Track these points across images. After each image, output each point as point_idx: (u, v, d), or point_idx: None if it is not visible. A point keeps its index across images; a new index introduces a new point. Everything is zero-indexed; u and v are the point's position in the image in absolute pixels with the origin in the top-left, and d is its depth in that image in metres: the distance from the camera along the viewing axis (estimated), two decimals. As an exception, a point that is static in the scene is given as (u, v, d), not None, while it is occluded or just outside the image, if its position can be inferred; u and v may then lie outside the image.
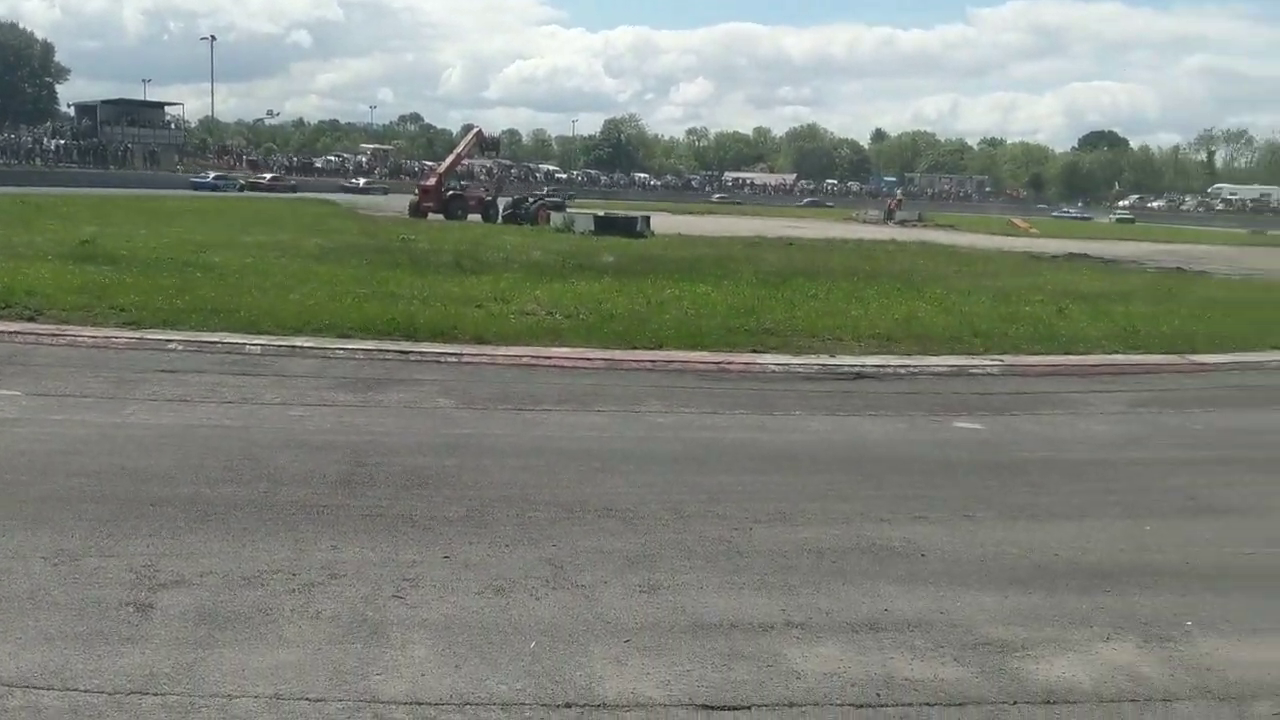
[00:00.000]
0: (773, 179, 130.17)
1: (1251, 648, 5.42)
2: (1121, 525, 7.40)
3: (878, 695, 4.66)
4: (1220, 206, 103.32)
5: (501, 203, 50.18)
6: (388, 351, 12.65)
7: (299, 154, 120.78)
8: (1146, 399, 12.45)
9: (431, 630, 5.13)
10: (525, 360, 12.67)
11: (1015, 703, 4.65)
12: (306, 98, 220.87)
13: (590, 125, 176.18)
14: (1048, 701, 4.68)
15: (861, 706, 4.56)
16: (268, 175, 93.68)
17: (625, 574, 5.97)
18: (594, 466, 8.22)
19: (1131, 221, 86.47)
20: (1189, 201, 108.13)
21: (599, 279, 21.18)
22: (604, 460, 8.42)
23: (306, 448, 8.35)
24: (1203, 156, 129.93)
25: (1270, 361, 15.58)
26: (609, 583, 5.83)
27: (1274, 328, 18.06)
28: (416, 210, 49.38)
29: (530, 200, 50.92)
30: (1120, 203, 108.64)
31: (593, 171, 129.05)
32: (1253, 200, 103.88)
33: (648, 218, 44.67)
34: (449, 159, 56.14)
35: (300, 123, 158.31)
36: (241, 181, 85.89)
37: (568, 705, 4.48)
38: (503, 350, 13.05)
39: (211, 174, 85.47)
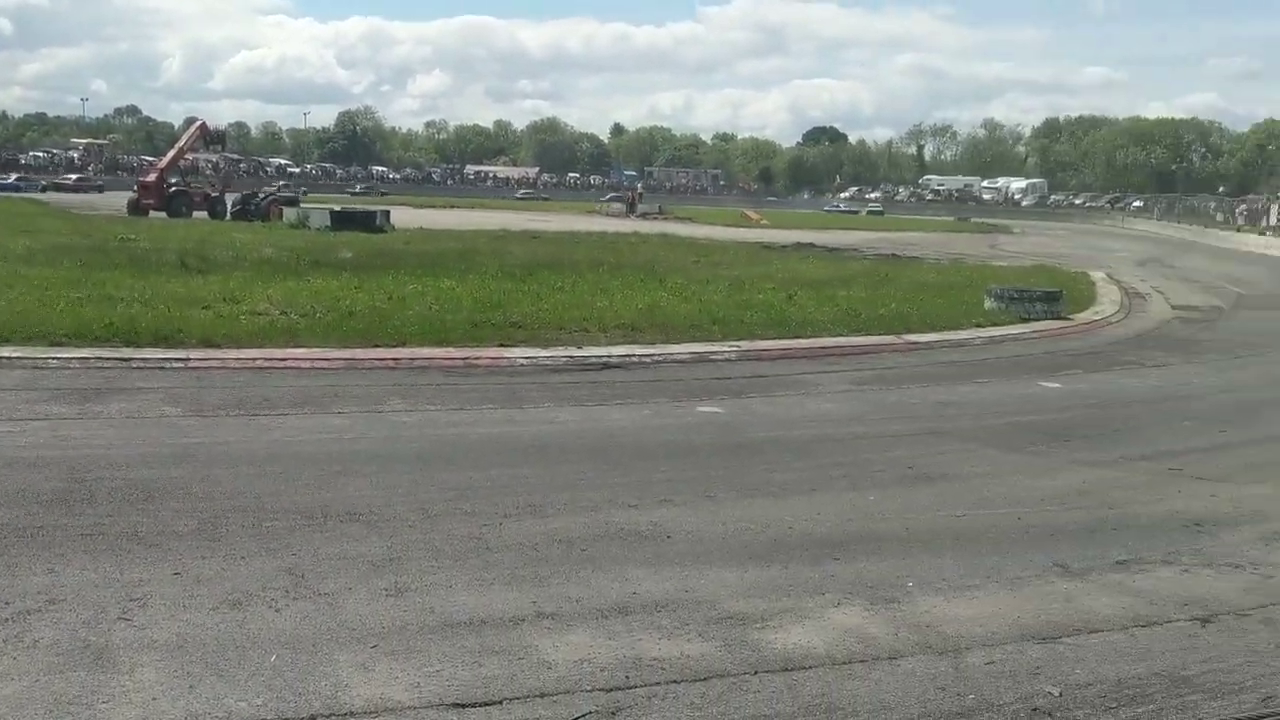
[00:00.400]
0: (515, 172, 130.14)
1: (965, 603, 5.88)
2: (849, 497, 7.87)
3: (627, 677, 4.76)
4: (929, 196, 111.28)
5: (230, 199, 47.71)
6: (107, 359, 11.82)
7: (2, 150, 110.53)
8: (868, 377, 13.28)
9: (162, 651, 4.84)
10: (258, 363, 12.14)
11: (756, 673, 4.86)
12: (9, 89, 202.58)
13: (324, 118, 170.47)
14: (786, 669, 4.92)
15: (611, 690, 4.65)
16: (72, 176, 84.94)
17: (370, 579, 5.83)
18: (335, 470, 7.98)
19: (881, 213, 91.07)
20: (902, 192, 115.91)
21: (337, 276, 20.57)
22: (345, 463, 8.19)
23: (17, 465, 7.69)
24: (913, 150, 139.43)
25: (974, 339, 16.97)
26: (353, 589, 5.68)
27: (976, 308, 19.67)
28: (136, 208, 46.23)
29: (261, 195, 48.72)
30: (840, 194, 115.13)
31: (328, 165, 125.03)
32: (957, 190, 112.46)
33: (387, 212, 43.70)
34: (171, 153, 52.77)
35: (2, 116, 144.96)
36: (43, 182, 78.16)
37: (312, 717, 4.33)
38: (234, 353, 12.46)
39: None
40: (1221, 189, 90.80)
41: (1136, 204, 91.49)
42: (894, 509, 7.63)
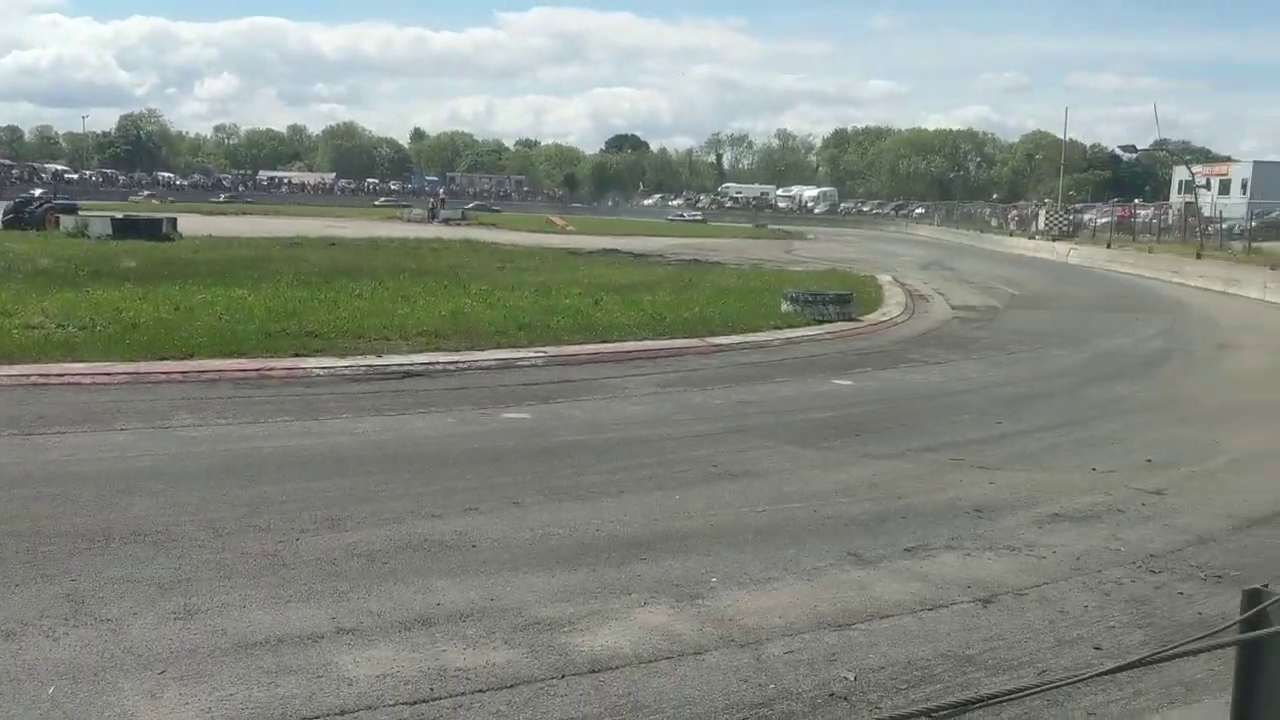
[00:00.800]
0: (311, 178, 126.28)
1: (766, 596, 6.05)
2: (655, 497, 7.97)
3: (431, 689, 4.67)
4: (729, 204, 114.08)
5: (1, 206, 44.49)
6: None
7: None
8: (673, 379, 13.50)
9: (-80, 693, 4.45)
10: (33, 379, 11.36)
11: (563, 676, 4.86)
12: None
13: (104, 121, 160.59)
14: (593, 671, 4.94)
15: (416, 703, 4.55)
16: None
17: (157, 601, 5.53)
18: (118, 489, 7.54)
19: (703, 221, 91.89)
20: (703, 199, 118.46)
21: (119, 286, 19.46)
22: (129, 482, 7.75)
23: None
24: (712, 158, 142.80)
25: (773, 340, 17.50)
26: (139, 613, 5.37)
27: (774, 311, 20.29)
28: (-107, 220, 42.52)
29: (36, 203, 45.63)
30: (645, 200, 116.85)
31: (110, 171, 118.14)
32: (755, 198, 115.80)
33: (174, 219, 41.76)
34: (-71, 158, 48.89)
35: None
36: None
37: (94, 752, 4.07)
38: (4, 369, 11.61)
39: None
40: (995, 196, 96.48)
41: (919, 210, 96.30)
42: (699, 507, 7.78)
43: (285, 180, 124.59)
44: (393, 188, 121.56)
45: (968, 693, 4.79)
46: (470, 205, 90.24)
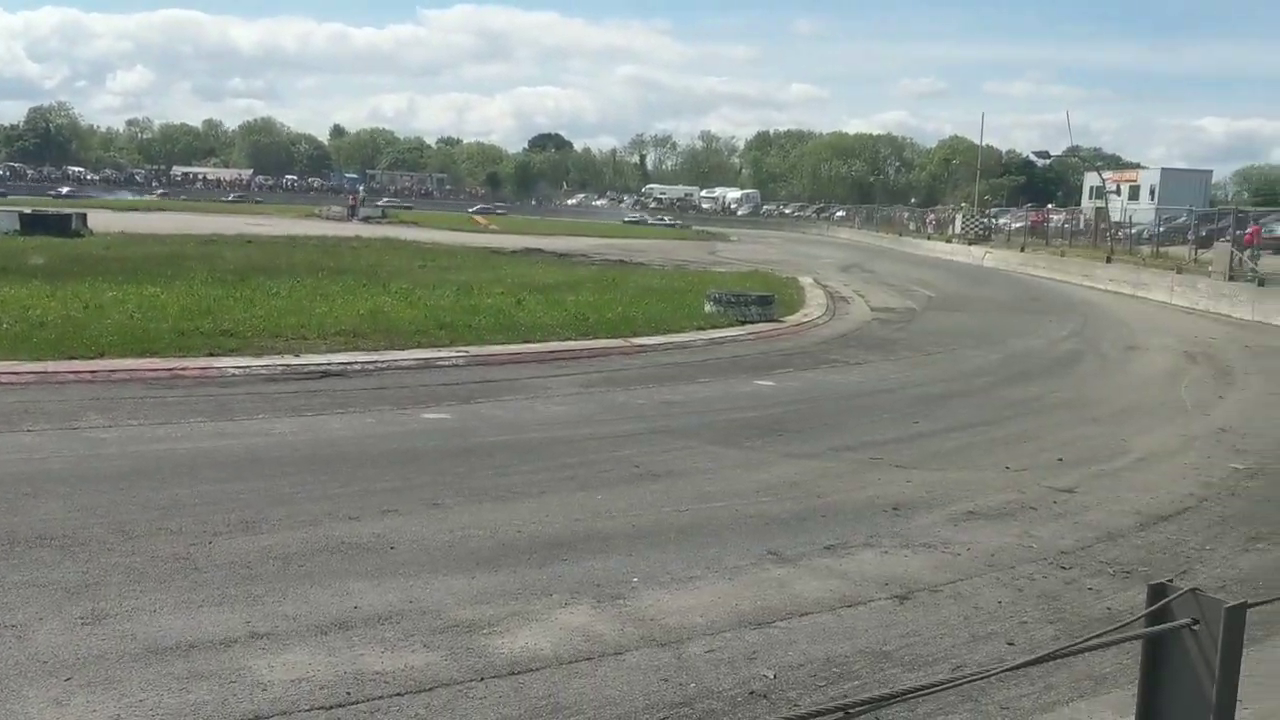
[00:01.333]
0: (227, 174, 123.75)
1: (687, 595, 6.07)
2: (577, 497, 7.95)
3: (348, 694, 4.60)
4: (653, 205, 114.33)
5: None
6: None
7: None
8: (597, 380, 13.48)
9: None
10: (-69, 378, 10.96)
11: (482, 679, 4.82)
12: None
13: (12, 114, 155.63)
14: (512, 673, 4.91)
15: (332, 708, 4.48)
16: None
17: (64, 606, 5.36)
18: (23, 492, 7.30)
19: (643, 223, 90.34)
20: (627, 200, 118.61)
21: (26, 283, 18.86)
22: (36, 484, 7.51)
23: None
24: (636, 159, 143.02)
25: (696, 341, 17.58)
26: (45, 618, 5.21)
27: (698, 311, 20.39)
28: None
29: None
30: (569, 200, 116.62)
31: (18, 165, 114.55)
32: (679, 199, 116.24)
33: (84, 215, 40.54)
34: None
35: None
36: None
37: (-7, 764, 3.94)
38: (-99, 368, 11.19)
39: None
40: (914, 200, 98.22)
41: (840, 213, 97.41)
42: (621, 507, 7.77)
43: (201, 176, 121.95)
44: (312, 185, 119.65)
45: (885, 689, 4.85)
46: (381, 201, 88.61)
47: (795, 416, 11.74)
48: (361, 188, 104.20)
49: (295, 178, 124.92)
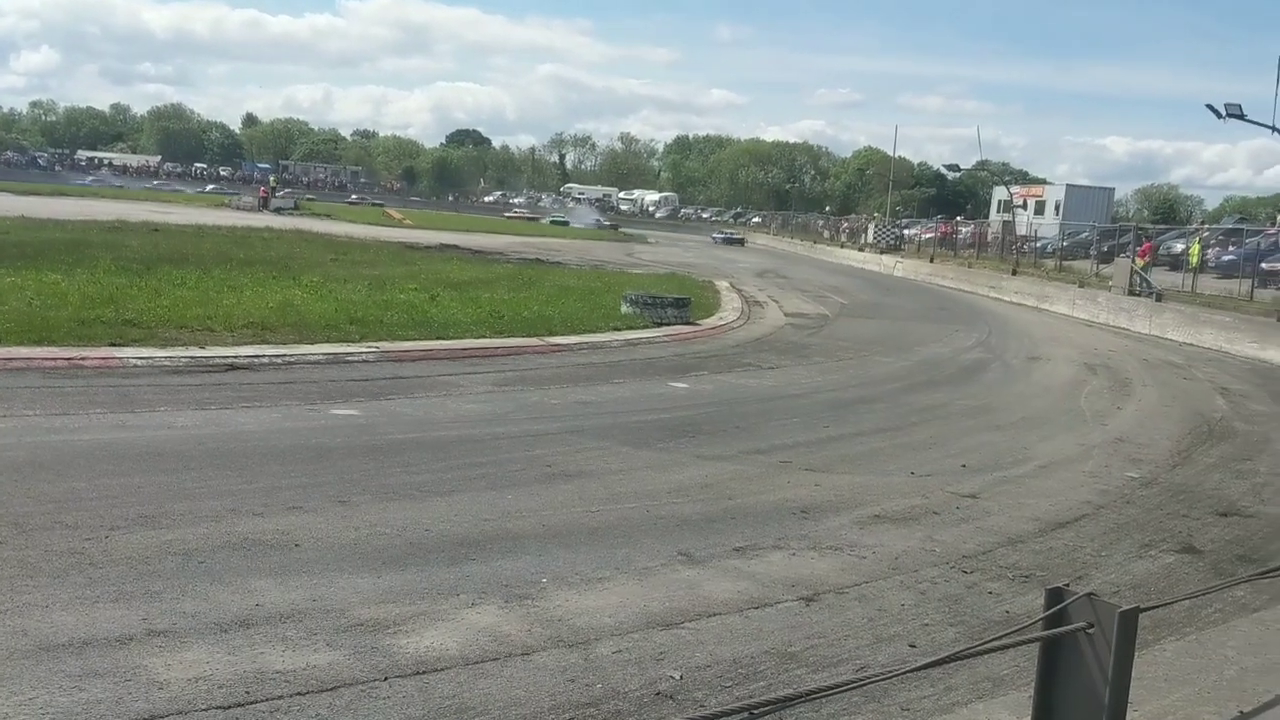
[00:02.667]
0: (135, 160, 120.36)
1: (596, 595, 6.06)
2: (488, 497, 7.89)
3: (248, 693, 4.50)
4: (572, 205, 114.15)
5: None
6: None
7: None
8: (511, 378, 13.41)
9: None
10: None
11: (387, 678, 4.75)
12: None
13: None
14: (418, 673, 4.85)
15: (230, 707, 4.37)
16: None
17: (-51, 603, 5.16)
18: (-93, 483, 7.01)
19: (566, 224, 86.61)
20: (545, 199, 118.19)
21: (-84, 266, 18.13)
22: (-79, 475, 7.22)
23: None
24: (555, 158, 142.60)
25: (612, 341, 17.58)
26: (-73, 616, 5.00)
27: (614, 312, 20.41)
28: None
29: None
30: (486, 198, 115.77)
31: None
32: (597, 199, 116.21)
33: (-20, 197, 39.10)
34: None
35: None
36: None
37: None
38: None
39: None
40: (828, 208, 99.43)
41: (756, 219, 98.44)
42: (532, 507, 7.73)
43: (106, 161, 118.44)
44: (222, 174, 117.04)
45: (790, 689, 4.90)
46: (282, 191, 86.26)
47: (709, 419, 11.81)
48: (273, 178, 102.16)
49: (205, 166, 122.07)
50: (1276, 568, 6.94)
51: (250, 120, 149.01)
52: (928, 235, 56.86)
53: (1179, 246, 33.15)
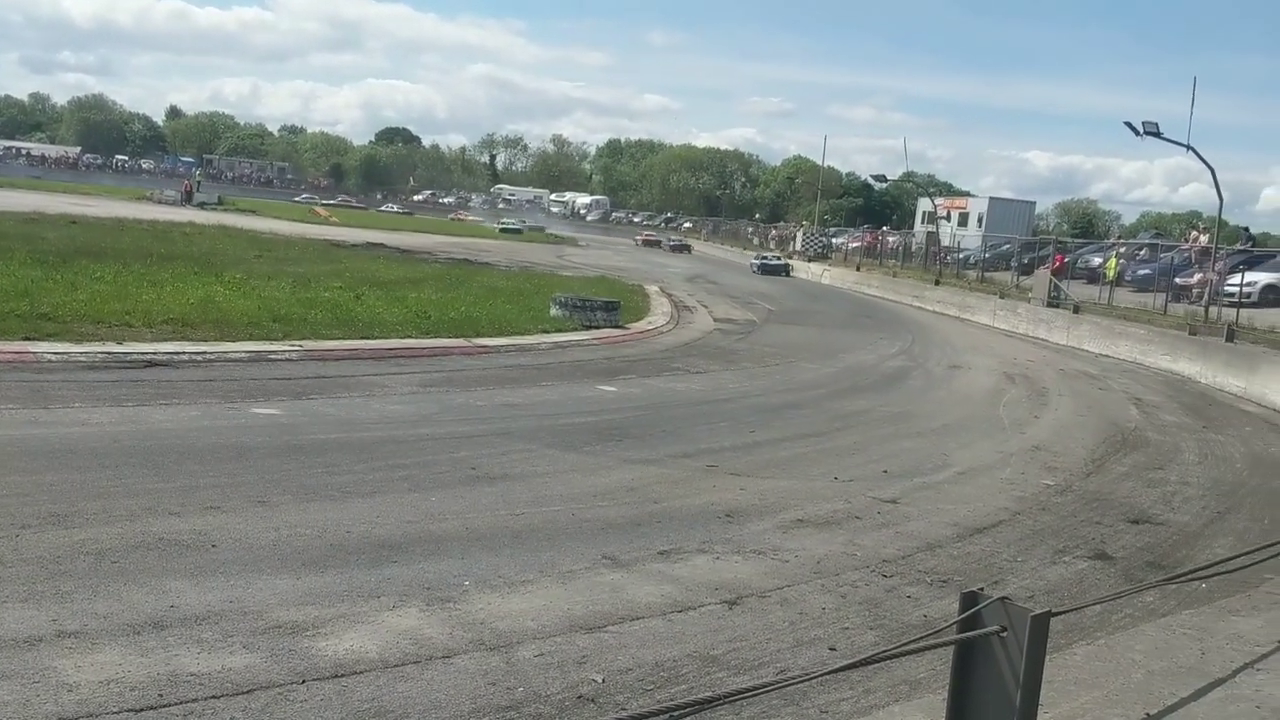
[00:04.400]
0: (54, 150, 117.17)
1: (519, 598, 6.04)
2: (411, 498, 7.82)
3: (160, 696, 4.40)
4: (502, 205, 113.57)
5: None
6: None
7: None
8: (437, 379, 13.30)
9: None
10: None
11: (304, 681, 4.69)
12: None
13: None
14: (336, 675, 4.79)
15: (142, 710, 4.28)
16: None
17: None
18: None
19: (519, 232, 78.21)
20: (475, 200, 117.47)
21: None
22: None
23: None
24: (486, 159, 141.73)
25: (541, 344, 17.54)
26: None
27: (543, 314, 20.37)
28: None
29: None
30: (415, 196, 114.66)
31: None
32: (528, 201, 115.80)
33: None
34: None
35: None
36: None
37: None
38: None
39: None
40: (758, 215, 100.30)
41: (687, 225, 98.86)
42: (456, 509, 7.68)
43: (24, 151, 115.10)
44: (144, 166, 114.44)
45: (711, 692, 4.93)
46: (194, 179, 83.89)
47: (636, 423, 11.83)
48: (197, 172, 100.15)
49: (126, 158, 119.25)
50: (1183, 573, 7.15)
51: (174, 113, 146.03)
52: (854, 244, 57.59)
53: (1097, 260, 33.97)
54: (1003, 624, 3.73)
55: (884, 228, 65.52)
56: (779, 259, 56.19)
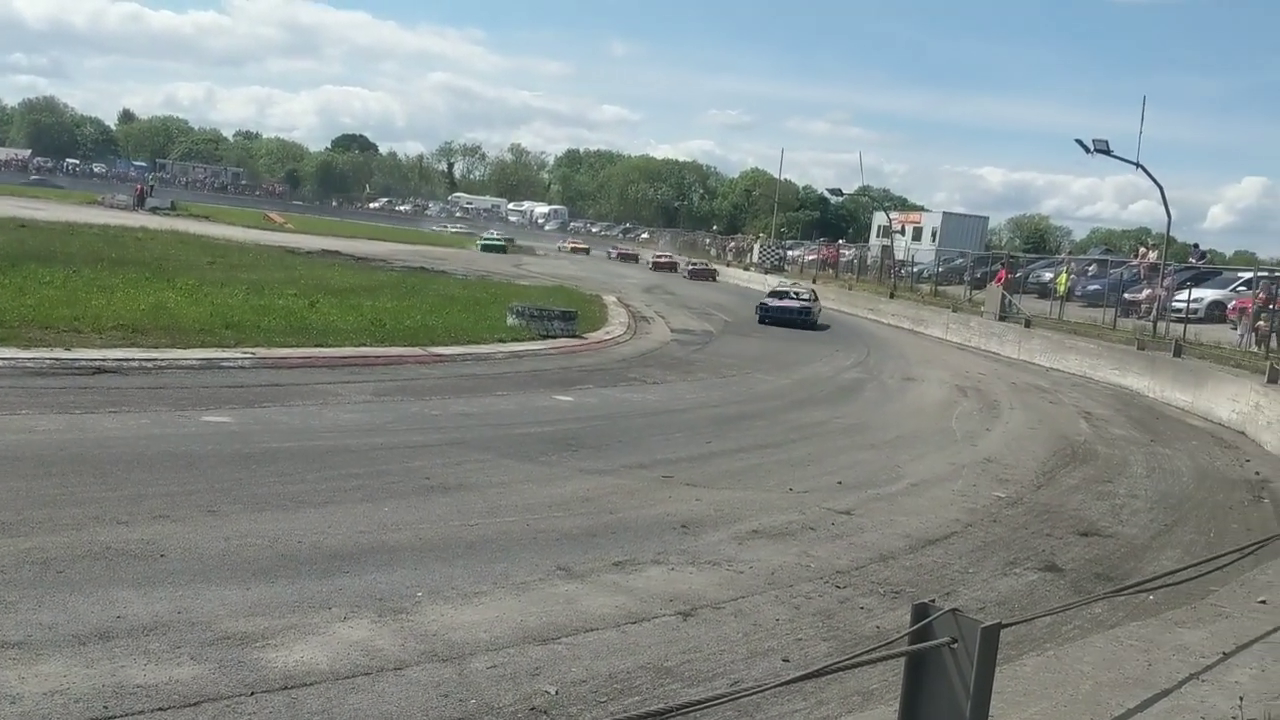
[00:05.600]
0: (3, 153, 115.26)
1: (472, 610, 6.00)
2: (363, 508, 7.76)
3: (105, 708, 4.33)
4: (459, 214, 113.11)
5: None
6: None
7: None
8: (391, 388, 13.21)
9: None
10: None
11: (253, 693, 4.63)
12: None
13: None
14: (286, 687, 4.73)
15: (86, 724, 4.21)
16: None
17: None
18: None
19: (503, 250, 65.40)
20: (433, 207, 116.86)
21: None
22: None
23: None
24: (444, 167, 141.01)
25: (497, 353, 17.48)
26: None
27: (500, 323, 20.29)
28: None
29: None
30: (371, 204, 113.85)
31: None
32: (486, 209, 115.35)
33: None
34: None
35: None
36: None
37: None
38: None
39: None
40: (715, 227, 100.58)
41: (645, 235, 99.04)
42: (409, 520, 7.63)
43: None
44: (96, 171, 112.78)
45: (664, 704, 4.93)
46: (147, 183, 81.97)
47: (592, 433, 11.82)
48: (150, 176, 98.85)
49: (78, 162, 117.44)
50: (1131, 586, 7.26)
51: (127, 116, 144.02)
52: (810, 257, 58.01)
53: (1048, 275, 34.44)
54: (954, 635, 3.77)
55: (840, 241, 65.94)
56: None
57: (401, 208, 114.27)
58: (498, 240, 69.22)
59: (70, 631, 5.04)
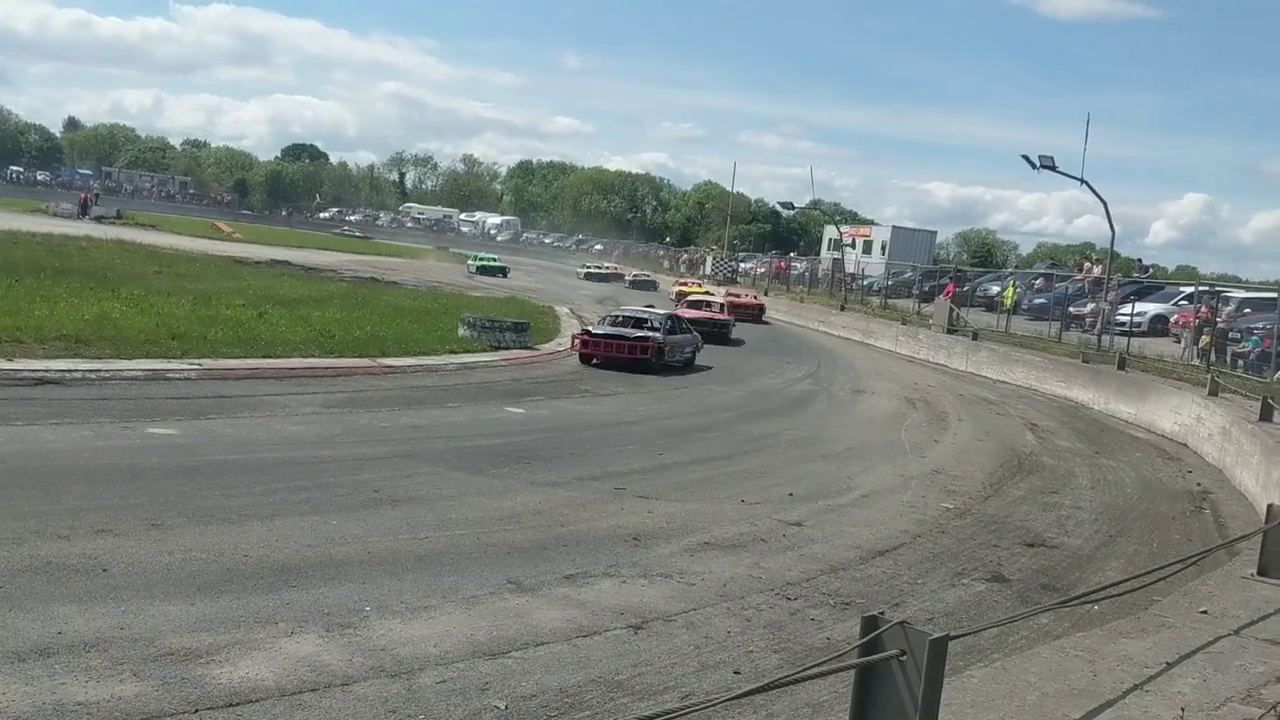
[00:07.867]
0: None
1: (421, 624, 5.95)
2: (310, 521, 7.67)
3: (43, 729, 4.23)
4: (410, 224, 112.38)
5: None
6: None
7: None
8: (340, 400, 13.09)
9: None
10: None
11: (197, 711, 4.55)
12: None
13: None
14: (230, 704, 4.65)
15: (22, 744, 4.11)
16: None
17: None
18: None
19: (504, 273, 56.44)
20: (383, 218, 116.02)
21: None
22: None
23: None
24: (395, 176, 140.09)
25: (448, 364, 17.38)
26: None
27: (451, 335, 20.19)
28: None
29: None
30: (321, 214, 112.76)
31: None
32: (437, 220, 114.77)
33: None
34: None
35: None
36: None
37: None
38: None
39: None
40: (668, 239, 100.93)
41: (598, 247, 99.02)
42: (357, 533, 7.55)
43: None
44: (39, 178, 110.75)
45: (615, 717, 4.91)
46: (92, 192, 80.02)
47: (544, 445, 11.78)
48: (95, 184, 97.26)
49: (21, 170, 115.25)
50: (1076, 597, 7.35)
51: (72, 124, 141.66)
52: (762, 270, 58.34)
53: (995, 289, 34.87)
54: (902, 648, 3.79)
55: (791, 254, 66.47)
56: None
57: (351, 218, 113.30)
58: (495, 262, 56.99)
59: (9, 648, 4.92)
